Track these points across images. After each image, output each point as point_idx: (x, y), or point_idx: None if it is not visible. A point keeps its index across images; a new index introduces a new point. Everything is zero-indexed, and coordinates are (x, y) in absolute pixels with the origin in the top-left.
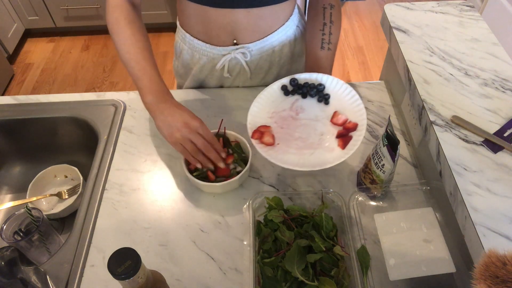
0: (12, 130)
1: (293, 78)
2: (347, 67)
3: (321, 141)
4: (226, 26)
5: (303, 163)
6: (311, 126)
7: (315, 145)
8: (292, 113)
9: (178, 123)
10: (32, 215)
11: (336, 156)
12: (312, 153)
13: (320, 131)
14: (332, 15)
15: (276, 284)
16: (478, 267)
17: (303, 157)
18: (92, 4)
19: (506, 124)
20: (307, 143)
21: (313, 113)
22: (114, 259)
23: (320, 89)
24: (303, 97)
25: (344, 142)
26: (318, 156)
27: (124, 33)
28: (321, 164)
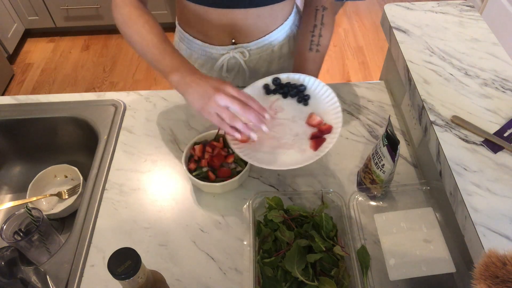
0: (12, 130)
1: (276, 77)
2: (347, 67)
3: (294, 142)
4: (225, 26)
5: (273, 162)
6: (287, 126)
7: (288, 145)
8: (271, 112)
9: (209, 90)
10: (32, 215)
11: (306, 157)
12: (284, 153)
13: (295, 132)
14: (324, 17)
15: (276, 284)
16: (478, 267)
17: (274, 156)
18: (92, 4)
19: (506, 124)
20: (281, 142)
21: (291, 114)
22: (114, 259)
23: (300, 89)
24: (284, 97)
25: (316, 144)
26: (289, 157)
27: (138, 24)
28: (289, 164)
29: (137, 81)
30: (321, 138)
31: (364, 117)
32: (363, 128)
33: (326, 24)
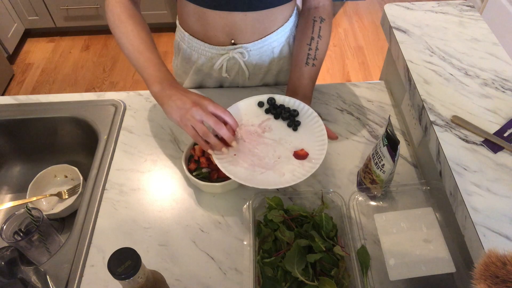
0: (12, 130)
1: (272, 97)
2: (347, 67)
3: (275, 164)
4: (224, 27)
5: (249, 179)
6: (272, 147)
7: (269, 166)
8: (259, 130)
9: (188, 104)
10: (32, 215)
11: (283, 181)
12: (263, 172)
13: (278, 154)
14: (321, 29)
15: (276, 284)
16: (478, 267)
17: (252, 173)
18: (92, 4)
19: (506, 124)
20: (262, 162)
21: (278, 135)
22: (114, 259)
23: (293, 114)
24: (275, 118)
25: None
26: (266, 176)
27: (126, 27)
28: (264, 184)
29: (137, 81)
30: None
31: (364, 117)
32: (363, 128)
33: (324, 37)
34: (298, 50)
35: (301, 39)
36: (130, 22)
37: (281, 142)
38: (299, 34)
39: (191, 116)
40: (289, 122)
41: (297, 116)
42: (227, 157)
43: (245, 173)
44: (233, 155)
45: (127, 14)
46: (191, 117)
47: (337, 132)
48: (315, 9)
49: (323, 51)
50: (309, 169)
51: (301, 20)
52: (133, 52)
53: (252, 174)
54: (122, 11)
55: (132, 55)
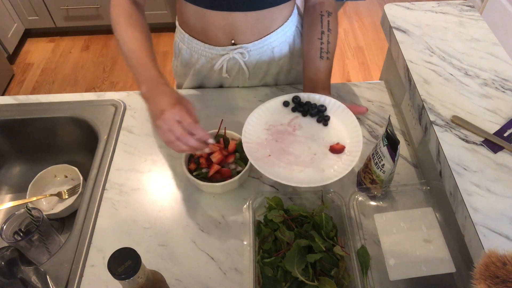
0: (12, 130)
1: (296, 96)
2: (347, 67)
3: (312, 161)
4: (224, 27)
5: (290, 178)
6: (306, 144)
7: (306, 163)
8: (289, 129)
9: (158, 111)
10: (32, 215)
11: (324, 177)
12: (302, 170)
13: (314, 151)
14: (330, 23)
15: (276, 284)
16: (478, 267)
17: (292, 172)
18: (92, 4)
19: (506, 124)
20: (299, 160)
21: (310, 132)
22: (114, 259)
23: (321, 109)
24: (303, 115)
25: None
26: (306, 175)
27: (122, 27)
28: (307, 183)
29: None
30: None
31: (364, 117)
32: (363, 128)
33: (333, 30)
34: (309, 46)
35: (311, 34)
36: (126, 23)
37: (314, 138)
38: (307, 30)
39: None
40: (319, 118)
41: (325, 111)
42: (262, 158)
43: (283, 172)
44: (268, 156)
45: (124, 16)
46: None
47: None
48: (320, 4)
49: (334, 44)
50: (349, 162)
51: (307, 17)
52: (126, 52)
53: (291, 173)
54: (120, 13)
55: (126, 55)
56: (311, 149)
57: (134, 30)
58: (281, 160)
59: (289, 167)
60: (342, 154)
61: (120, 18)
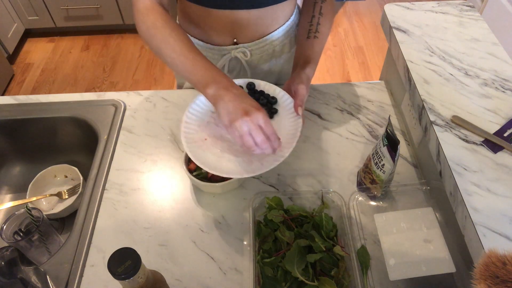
0: (12, 130)
1: (251, 82)
2: (347, 67)
3: (245, 151)
4: (226, 26)
5: (215, 167)
6: None
7: (238, 153)
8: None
9: (239, 110)
10: (32, 215)
11: (249, 170)
12: (230, 160)
13: None
14: (322, 8)
15: (276, 284)
16: (478, 267)
17: (220, 160)
18: (92, 4)
19: (506, 124)
20: (232, 148)
21: None
22: (114, 259)
23: (271, 101)
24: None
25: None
26: (234, 164)
27: (164, 33)
28: (230, 173)
29: (137, 81)
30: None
31: (364, 117)
32: (363, 128)
33: (325, 14)
34: (300, 30)
35: (302, 20)
36: (167, 27)
37: None
38: (301, 18)
39: (240, 126)
40: (266, 109)
41: (275, 104)
42: (197, 141)
43: (212, 159)
44: (204, 139)
45: (163, 21)
46: (240, 127)
47: (337, 132)
48: None
49: (326, 26)
50: (277, 157)
51: (302, 7)
52: (178, 57)
53: (219, 161)
54: (157, 18)
55: (177, 61)
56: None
57: (178, 33)
58: (215, 147)
59: (219, 154)
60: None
61: (158, 23)
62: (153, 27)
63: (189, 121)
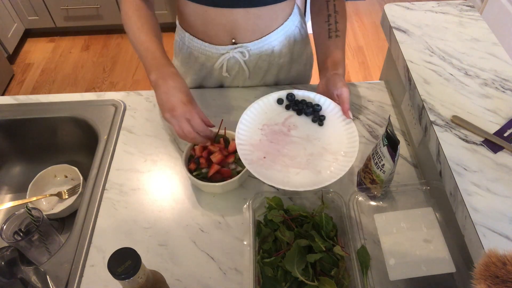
0: (12, 130)
1: (291, 93)
2: (347, 67)
3: (308, 162)
4: (225, 26)
5: (286, 182)
6: (301, 145)
7: (302, 165)
8: (284, 129)
9: (168, 104)
10: (32, 215)
11: (320, 179)
12: (298, 173)
13: (309, 152)
14: (336, 6)
15: (276, 284)
16: (478, 267)
17: (288, 175)
18: (92, 4)
19: (506, 124)
20: (295, 161)
21: (305, 132)
22: (114, 259)
23: (316, 109)
24: (298, 114)
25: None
26: (302, 177)
27: (131, 20)
28: (303, 186)
29: (137, 81)
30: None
31: (364, 117)
32: (363, 128)
33: (340, 11)
34: (318, 31)
35: (319, 20)
36: (134, 15)
37: (310, 139)
38: (315, 18)
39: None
40: (314, 118)
41: (320, 110)
42: (257, 160)
43: (279, 175)
44: (263, 158)
45: (133, 10)
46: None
47: None
48: None
49: (343, 24)
50: (345, 163)
51: (313, 7)
52: (136, 44)
53: (288, 176)
54: (129, 7)
55: (136, 47)
56: (306, 150)
57: (143, 22)
58: (277, 163)
59: (285, 169)
60: (338, 155)
61: (130, 11)
62: (125, 15)
63: (242, 143)
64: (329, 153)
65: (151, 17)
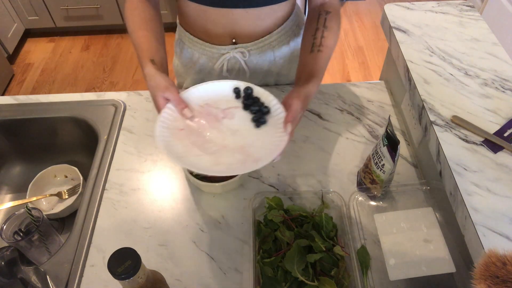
0: (12, 130)
1: (250, 87)
2: (347, 67)
3: (215, 151)
4: (225, 26)
5: (180, 157)
6: (223, 135)
7: (208, 151)
8: (220, 115)
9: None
10: (32, 215)
11: (215, 169)
12: (198, 155)
13: (225, 143)
14: (326, 21)
15: (276, 284)
16: (478, 267)
17: (187, 153)
18: (92, 4)
19: (506, 124)
20: (204, 146)
21: (237, 127)
22: (114, 259)
23: (262, 111)
24: (244, 108)
25: None
26: (199, 160)
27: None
28: (192, 166)
29: (137, 81)
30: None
31: (364, 117)
32: (363, 128)
33: (330, 27)
34: (303, 43)
35: (306, 33)
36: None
37: (235, 134)
38: (304, 31)
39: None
40: (254, 117)
41: (266, 114)
42: (172, 128)
43: (181, 150)
44: (180, 129)
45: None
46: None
47: (337, 132)
48: (321, 5)
49: (331, 40)
50: (247, 167)
51: (307, 18)
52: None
53: (186, 153)
54: (128, 6)
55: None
56: (224, 141)
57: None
58: (188, 138)
59: (189, 147)
60: (248, 159)
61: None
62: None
63: (172, 108)
64: (242, 153)
65: (147, 13)
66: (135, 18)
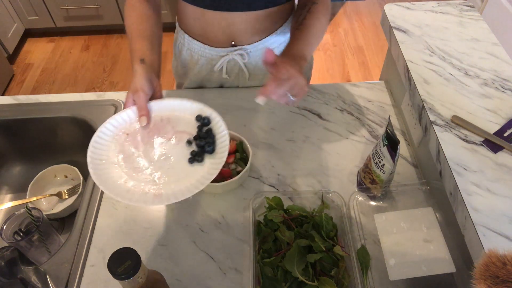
0: (12, 130)
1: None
2: (347, 67)
3: (137, 172)
4: (224, 28)
5: (108, 185)
6: (149, 159)
7: (128, 171)
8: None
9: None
10: (32, 215)
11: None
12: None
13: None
14: (311, 8)
15: (276, 284)
16: (478, 267)
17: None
18: (92, 4)
19: (506, 124)
20: (129, 165)
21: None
22: (114, 259)
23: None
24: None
25: None
26: (114, 174)
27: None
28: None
29: None
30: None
31: (364, 117)
32: (363, 128)
33: (314, 12)
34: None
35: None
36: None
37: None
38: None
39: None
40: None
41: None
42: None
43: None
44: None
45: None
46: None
47: (337, 132)
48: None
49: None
50: (170, 198)
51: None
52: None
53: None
54: (127, 8)
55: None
56: (149, 157)
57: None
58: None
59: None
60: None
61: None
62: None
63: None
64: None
65: (143, 13)
66: (131, 17)
